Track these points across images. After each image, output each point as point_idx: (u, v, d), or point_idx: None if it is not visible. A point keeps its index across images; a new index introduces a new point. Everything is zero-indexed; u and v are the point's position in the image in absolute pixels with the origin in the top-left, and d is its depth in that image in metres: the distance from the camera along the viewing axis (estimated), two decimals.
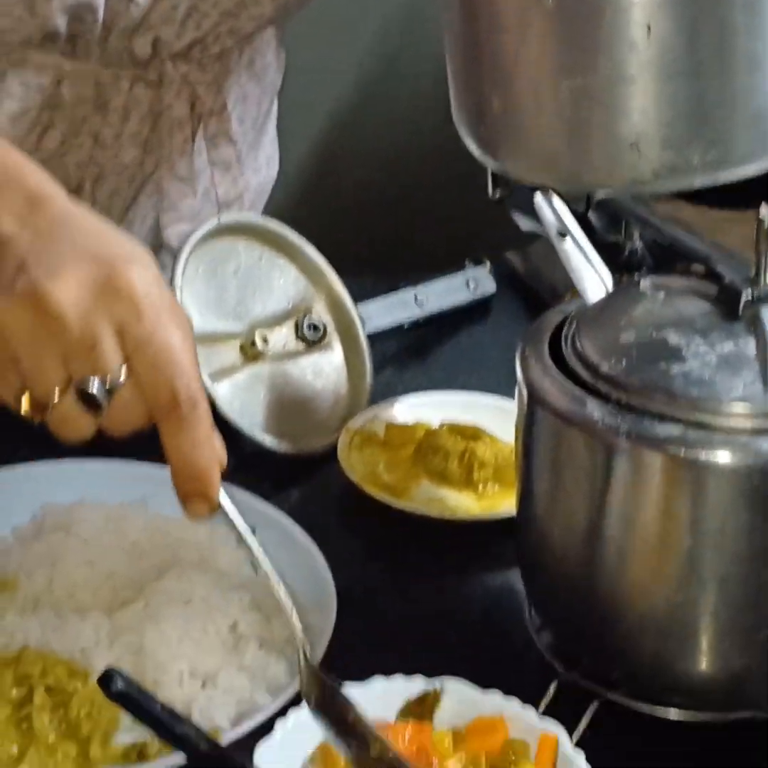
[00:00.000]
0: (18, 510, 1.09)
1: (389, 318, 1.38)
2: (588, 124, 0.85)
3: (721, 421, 0.86)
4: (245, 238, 1.29)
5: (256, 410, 1.23)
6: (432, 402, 1.27)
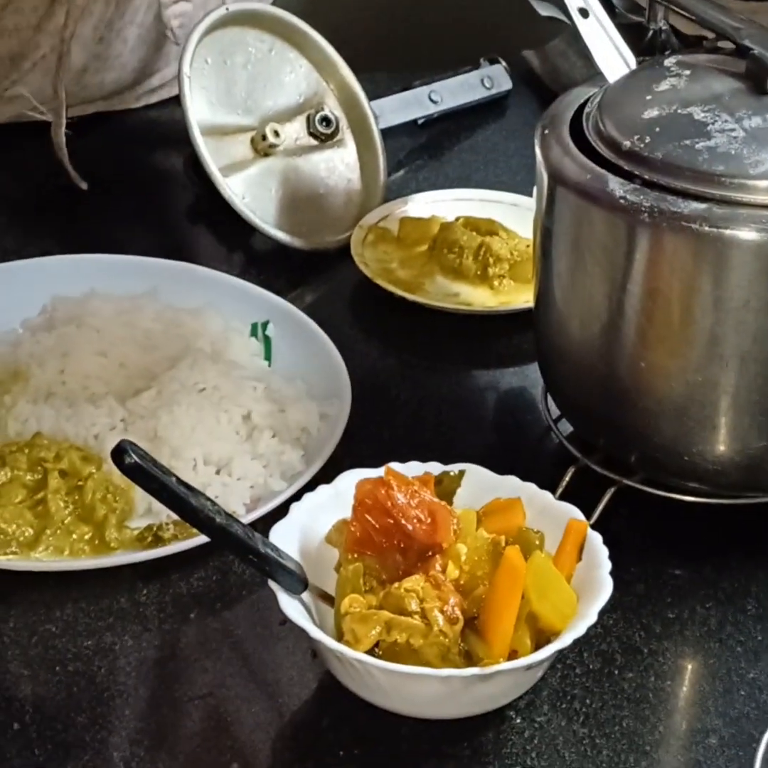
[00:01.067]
0: (28, 303, 1.10)
1: (403, 114, 1.37)
2: None
3: (747, 196, 0.85)
4: (255, 29, 1.28)
5: (268, 206, 1.24)
6: (447, 199, 1.27)
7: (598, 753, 0.81)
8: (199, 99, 1.22)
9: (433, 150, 1.39)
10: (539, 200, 0.96)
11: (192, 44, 1.21)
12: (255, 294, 1.13)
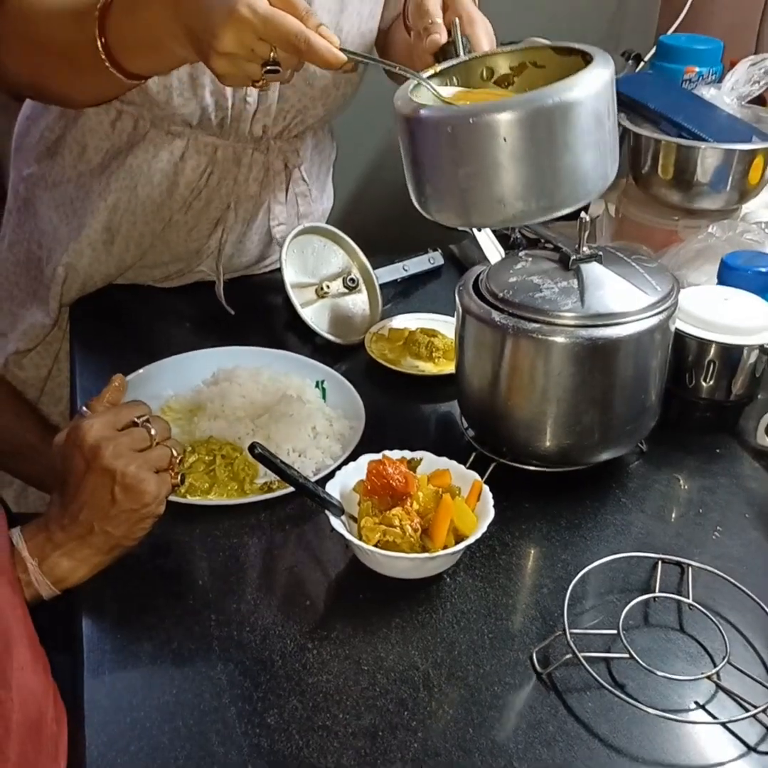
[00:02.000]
0: (205, 371, 1.08)
1: (390, 276, 1.33)
2: (475, 192, 0.79)
3: (559, 321, 0.86)
4: (316, 235, 1.26)
5: (324, 322, 1.21)
6: (412, 318, 1.23)
7: (486, 595, 0.81)
8: (290, 270, 1.20)
9: (405, 294, 1.34)
10: (457, 320, 0.95)
11: (286, 244, 1.20)
12: (317, 366, 1.10)
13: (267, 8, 0.77)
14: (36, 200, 1.22)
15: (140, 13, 0.87)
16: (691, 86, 1.33)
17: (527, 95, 0.75)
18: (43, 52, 0.97)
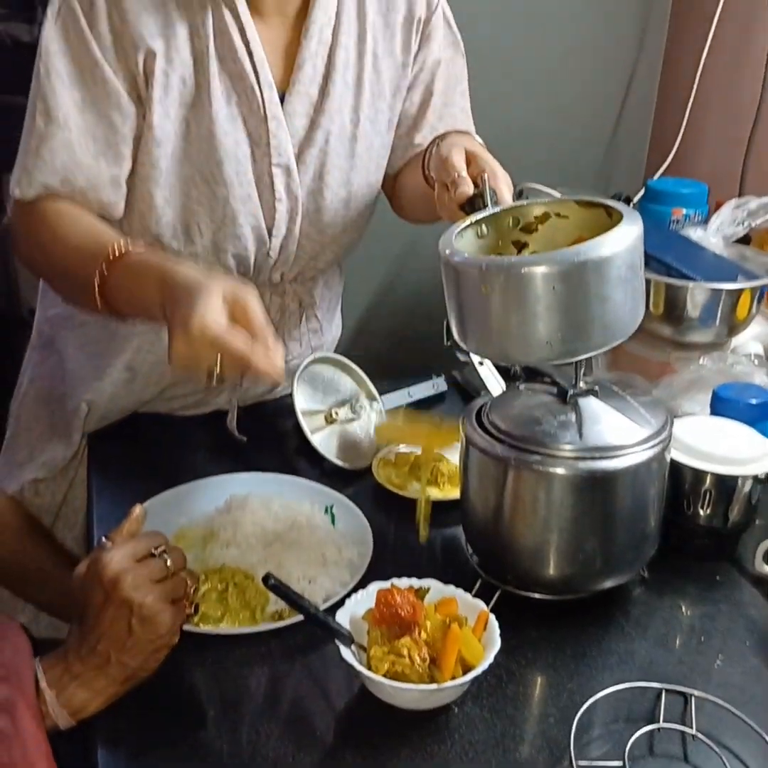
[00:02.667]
0: (219, 498, 1.09)
1: (396, 402, 1.36)
2: (520, 334, 0.84)
3: (559, 453, 0.89)
4: (325, 365, 1.30)
5: (333, 447, 1.23)
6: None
7: (494, 725, 0.82)
8: (301, 398, 1.23)
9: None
10: (461, 449, 0.98)
11: (297, 374, 1.24)
12: (327, 491, 1.12)
13: (217, 331, 0.82)
14: (60, 339, 1.27)
15: (135, 284, 0.94)
16: (679, 227, 1.40)
17: (572, 250, 0.82)
18: (50, 263, 1.05)
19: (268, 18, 1.09)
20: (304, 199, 1.17)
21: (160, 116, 1.05)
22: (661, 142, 1.84)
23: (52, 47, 1.01)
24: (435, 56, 1.22)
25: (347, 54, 1.14)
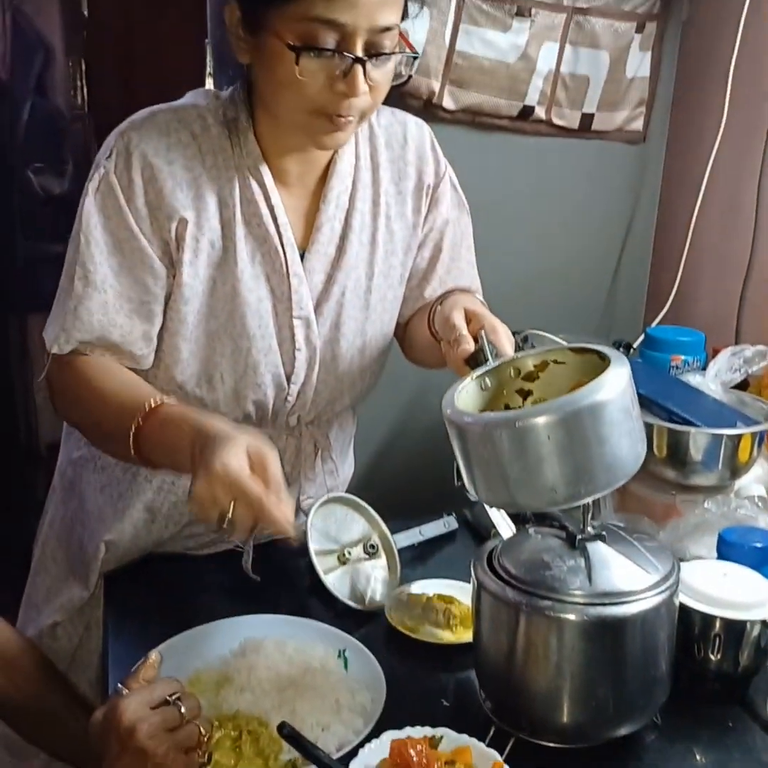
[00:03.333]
0: (233, 641, 1.09)
1: (408, 541, 1.36)
2: (525, 482, 0.88)
3: (569, 599, 0.90)
4: (339, 504, 1.31)
5: (346, 587, 1.23)
6: (429, 584, 1.25)
7: None
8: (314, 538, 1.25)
9: (422, 558, 1.36)
10: (473, 593, 0.98)
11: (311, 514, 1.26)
12: (340, 634, 1.12)
13: (237, 473, 0.89)
14: (82, 481, 1.30)
15: (169, 435, 1.00)
16: (678, 372, 1.45)
17: (564, 399, 0.87)
18: (87, 420, 1.13)
19: (291, 187, 1.17)
20: (321, 348, 1.23)
21: (189, 277, 1.12)
22: (658, 291, 1.92)
23: (92, 219, 1.08)
24: (443, 217, 1.31)
25: (362, 217, 1.23)
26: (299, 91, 1.01)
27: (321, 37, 0.97)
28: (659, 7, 1.81)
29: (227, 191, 1.12)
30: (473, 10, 1.63)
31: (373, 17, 0.98)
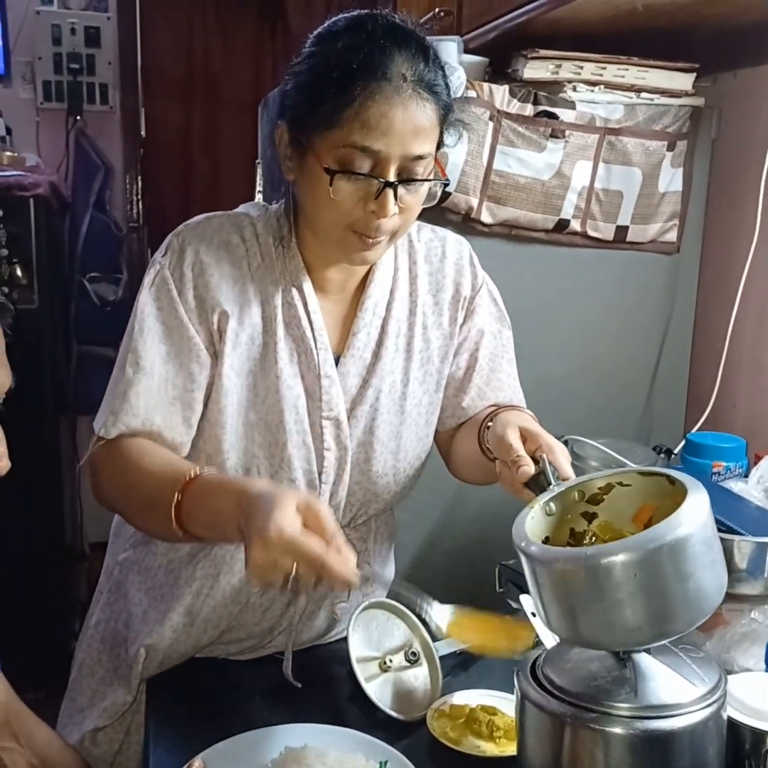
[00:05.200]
0: (274, 750, 1.08)
1: (449, 649, 1.31)
2: (611, 621, 0.88)
3: (615, 711, 0.88)
4: (380, 609, 1.30)
5: (387, 696, 1.22)
6: (473, 694, 1.23)
7: None
8: (356, 644, 1.24)
9: (464, 666, 1.32)
10: (516, 703, 0.96)
11: (353, 620, 1.25)
12: (381, 745, 1.11)
13: (293, 534, 0.90)
14: (128, 583, 1.32)
15: (212, 500, 1.02)
16: (720, 479, 1.44)
17: (644, 535, 0.86)
18: (130, 497, 1.14)
19: (331, 294, 1.23)
20: (354, 450, 1.25)
21: (228, 367, 1.17)
22: (698, 397, 1.92)
23: (147, 309, 1.15)
24: (479, 327, 1.35)
25: (399, 324, 1.27)
26: (334, 208, 1.07)
27: (356, 161, 1.05)
28: (689, 127, 1.86)
29: (270, 293, 1.18)
30: (509, 133, 1.70)
31: (407, 146, 1.04)
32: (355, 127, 1.03)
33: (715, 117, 1.93)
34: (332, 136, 1.05)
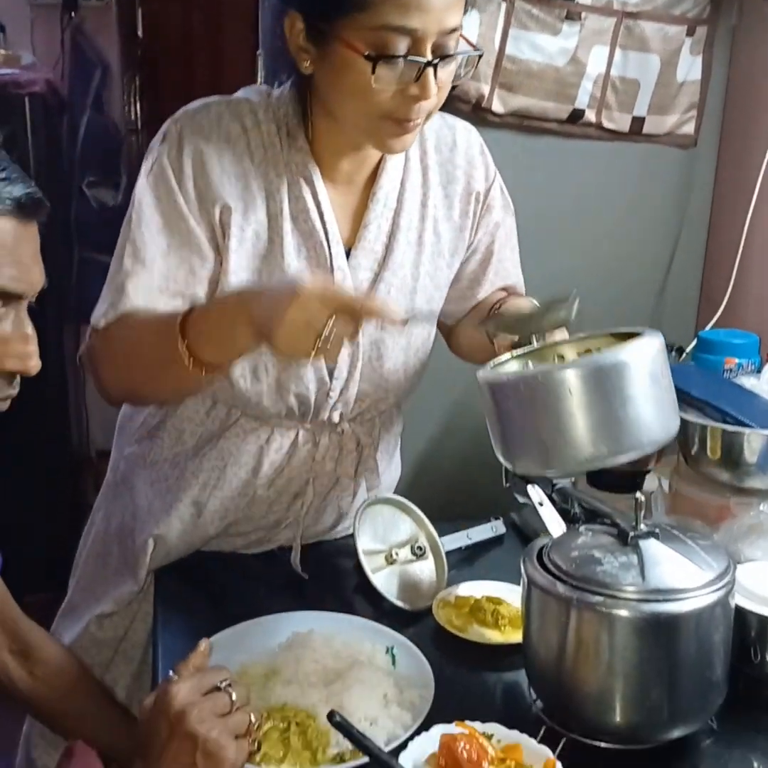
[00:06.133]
0: (281, 635, 1.09)
1: (455, 544, 1.35)
2: (550, 439, 0.92)
3: (621, 594, 0.88)
4: (387, 505, 1.31)
5: (393, 588, 1.23)
6: (477, 586, 1.24)
7: None
8: (363, 538, 1.25)
9: (469, 561, 1.35)
10: (523, 589, 0.98)
11: (359, 514, 1.25)
12: (388, 632, 1.12)
13: (325, 284, 0.93)
14: (134, 477, 1.32)
15: (215, 313, 1.03)
16: (732, 375, 1.42)
17: (590, 357, 0.91)
18: (135, 363, 1.11)
19: (340, 185, 1.18)
20: (366, 347, 1.23)
21: (234, 264, 1.13)
22: (711, 295, 1.89)
23: (145, 199, 1.10)
24: (495, 221, 1.32)
25: (410, 217, 1.23)
26: (370, 98, 1.01)
27: (392, 44, 0.98)
28: (709, 12, 1.78)
29: (275, 186, 1.15)
30: (523, 15, 1.63)
31: (442, 20, 0.98)
32: (388, 6, 0.96)
33: (737, 2, 1.83)
34: (362, 19, 0.97)
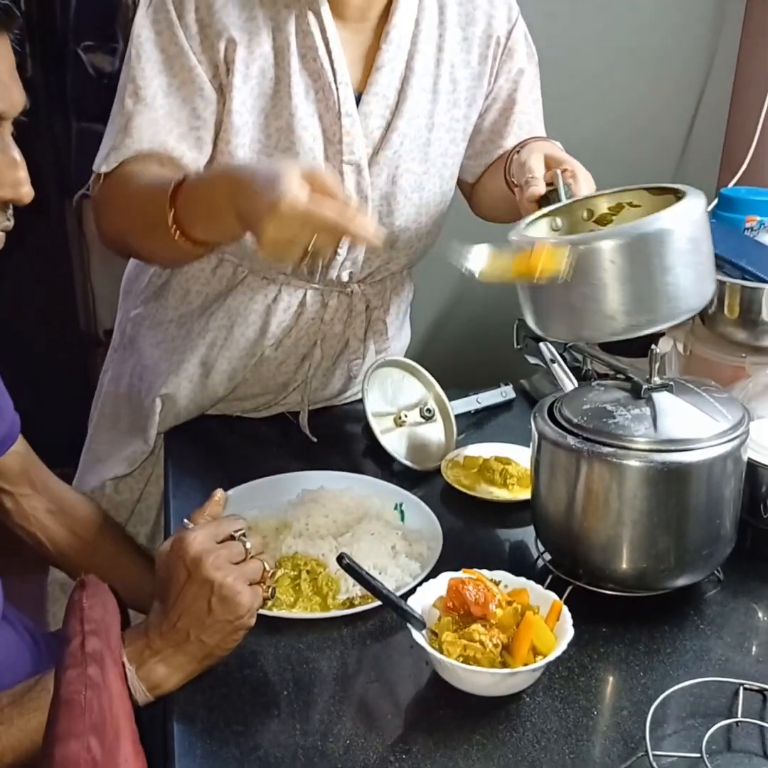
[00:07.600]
0: (291, 492, 1.11)
1: (464, 408, 1.36)
2: (587, 310, 0.88)
3: (632, 446, 0.88)
4: (395, 368, 1.31)
5: (402, 449, 1.24)
6: (486, 447, 1.26)
7: (566, 716, 0.81)
8: (371, 399, 1.25)
9: (478, 425, 1.38)
10: (533, 444, 0.98)
11: (368, 376, 1.25)
12: (396, 489, 1.13)
13: (306, 202, 0.81)
14: (140, 338, 1.31)
15: (203, 192, 0.94)
16: (753, 233, 1.38)
17: (630, 224, 0.84)
18: (131, 220, 1.05)
19: (350, 23, 1.11)
20: (377, 202, 1.19)
21: (239, 103, 1.08)
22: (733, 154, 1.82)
23: (144, 33, 1.05)
24: (518, 67, 1.24)
25: (425, 60, 1.16)
26: None
27: None
28: None
29: (282, 18, 1.08)
30: None
31: None
32: None
33: None
34: None
